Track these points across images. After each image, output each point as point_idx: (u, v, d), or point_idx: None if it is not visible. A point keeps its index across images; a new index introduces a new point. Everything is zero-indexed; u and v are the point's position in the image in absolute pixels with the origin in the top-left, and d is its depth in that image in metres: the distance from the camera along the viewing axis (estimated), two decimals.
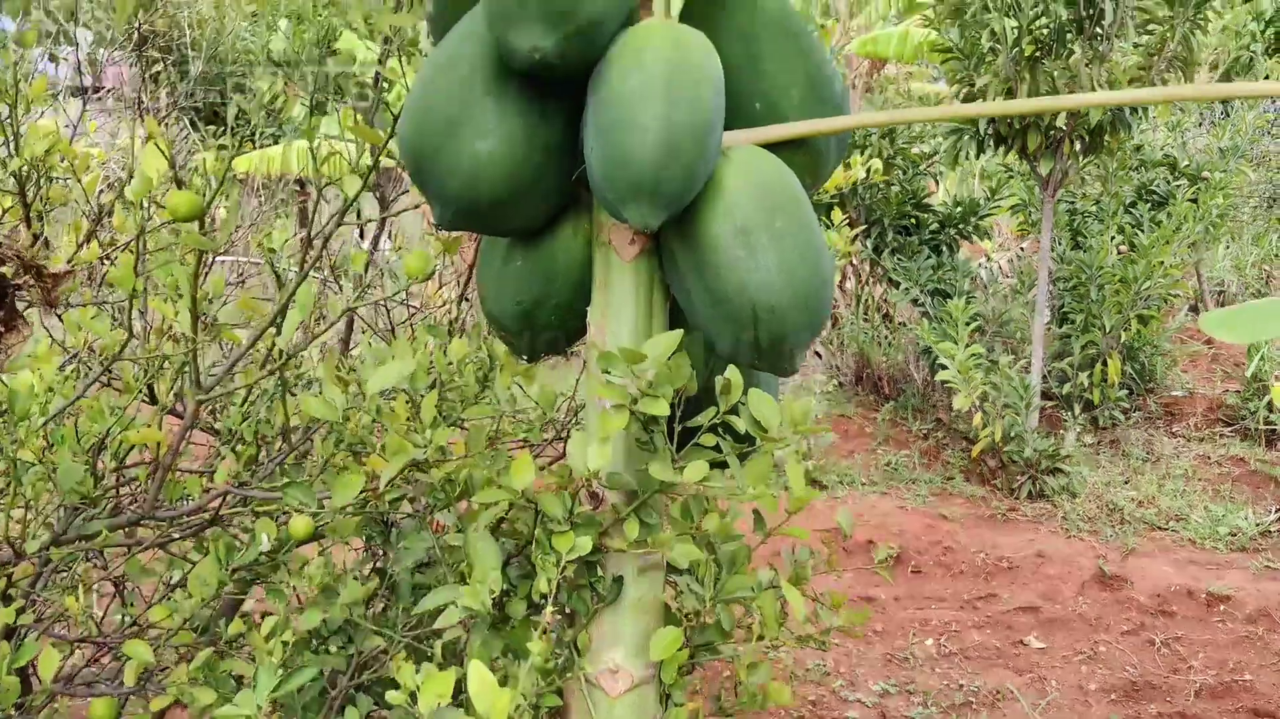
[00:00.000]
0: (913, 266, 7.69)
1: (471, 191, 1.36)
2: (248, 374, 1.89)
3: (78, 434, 1.88)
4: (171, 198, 1.37)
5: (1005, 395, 6.57)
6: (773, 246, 1.32)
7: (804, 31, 1.50)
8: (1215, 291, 11.25)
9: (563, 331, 1.56)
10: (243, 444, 2.06)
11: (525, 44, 1.26)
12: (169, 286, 1.83)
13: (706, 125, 1.28)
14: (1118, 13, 5.78)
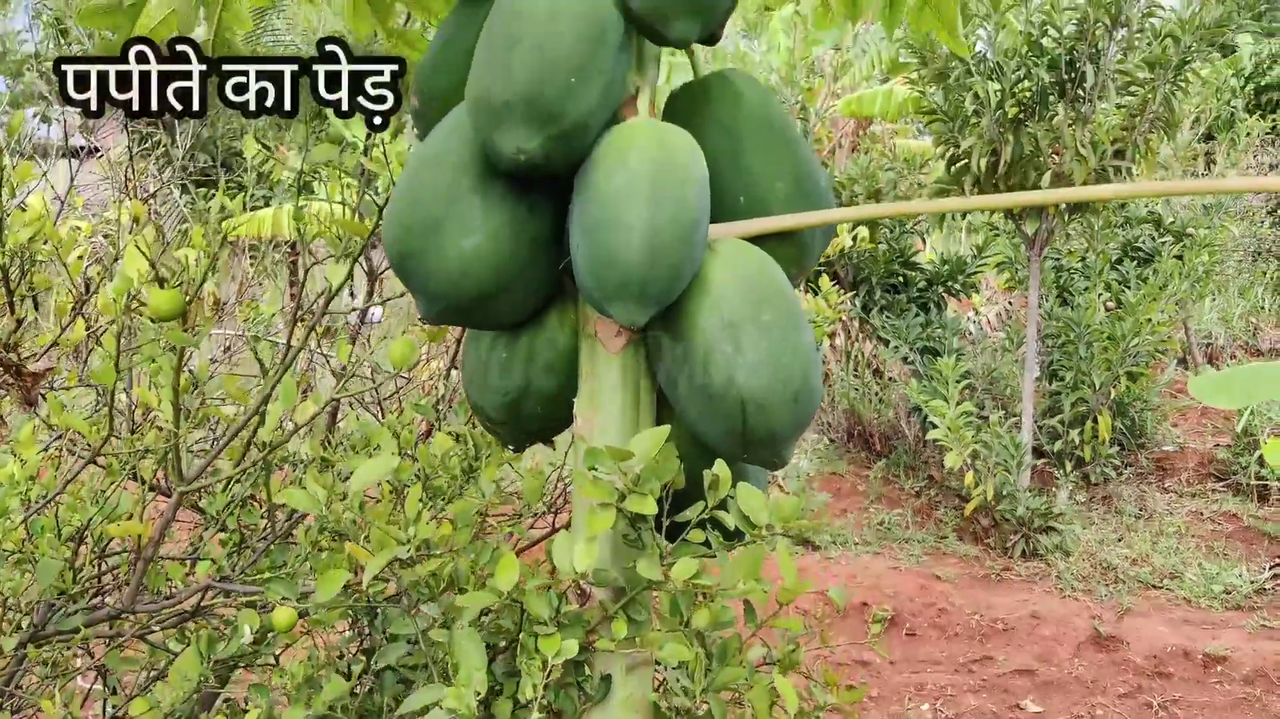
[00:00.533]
0: (901, 325, 7.71)
1: (457, 288, 1.35)
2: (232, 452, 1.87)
3: (58, 524, 1.86)
4: (153, 298, 1.36)
5: (996, 453, 6.56)
6: (760, 341, 1.32)
7: (787, 125, 1.51)
8: (1203, 344, 11.29)
9: (549, 421, 1.55)
10: (225, 531, 2.04)
11: (510, 146, 1.26)
12: (151, 373, 1.82)
13: (691, 224, 1.28)
14: (1099, 75, 5.86)
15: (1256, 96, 14.72)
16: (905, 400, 7.73)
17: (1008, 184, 6.23)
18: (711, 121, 1.49)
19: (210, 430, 3.10)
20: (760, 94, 1.52)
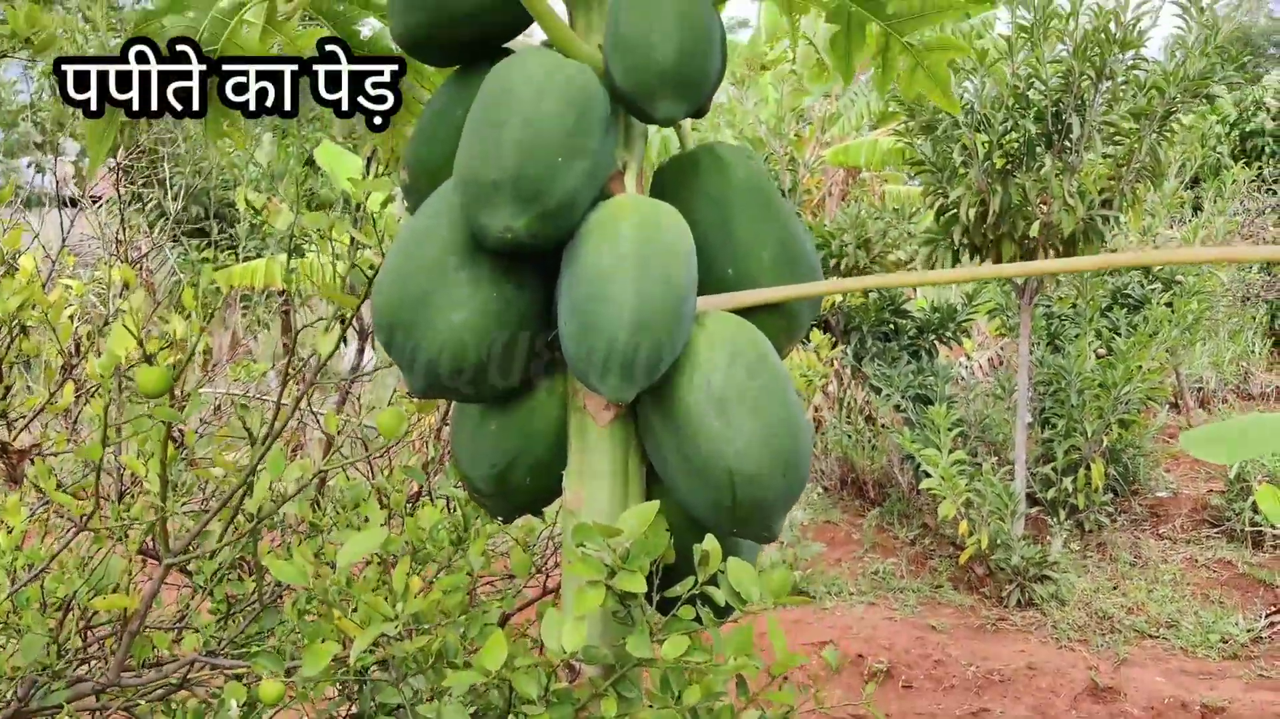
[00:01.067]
0: (893, 373, 7.73)
1: (445, 363, 1.35)
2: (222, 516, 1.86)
3: (44, 595, 1.84)
4: (140, 375, 1.36)
5: (990, 502, 6.54)
6: (748, 415, 1.32)
7: (774, 196, 1.52)
8: (1195, 389, 11.32)
9: (538, 493, 1.54)
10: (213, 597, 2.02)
11: (498, 225, 1.26)
12: (139, 443, 1.80)
13: (678, 300, 1.29)
14: (1085, 127, 5.91)
15: (1241, 142, 14.88)
16: (898, 448, 7.72)
17: (996, 234, 6.27)
18: (699, 194, 1.50)
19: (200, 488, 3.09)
20: (747, 166, 1.53)
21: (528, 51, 1.35)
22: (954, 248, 6.59)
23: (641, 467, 1.48)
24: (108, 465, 2.18)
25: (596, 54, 1.42)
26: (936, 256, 6.79)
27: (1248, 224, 12.30)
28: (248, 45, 2.33)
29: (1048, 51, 5.90)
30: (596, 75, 1.38)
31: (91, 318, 3.50)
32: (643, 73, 1.31)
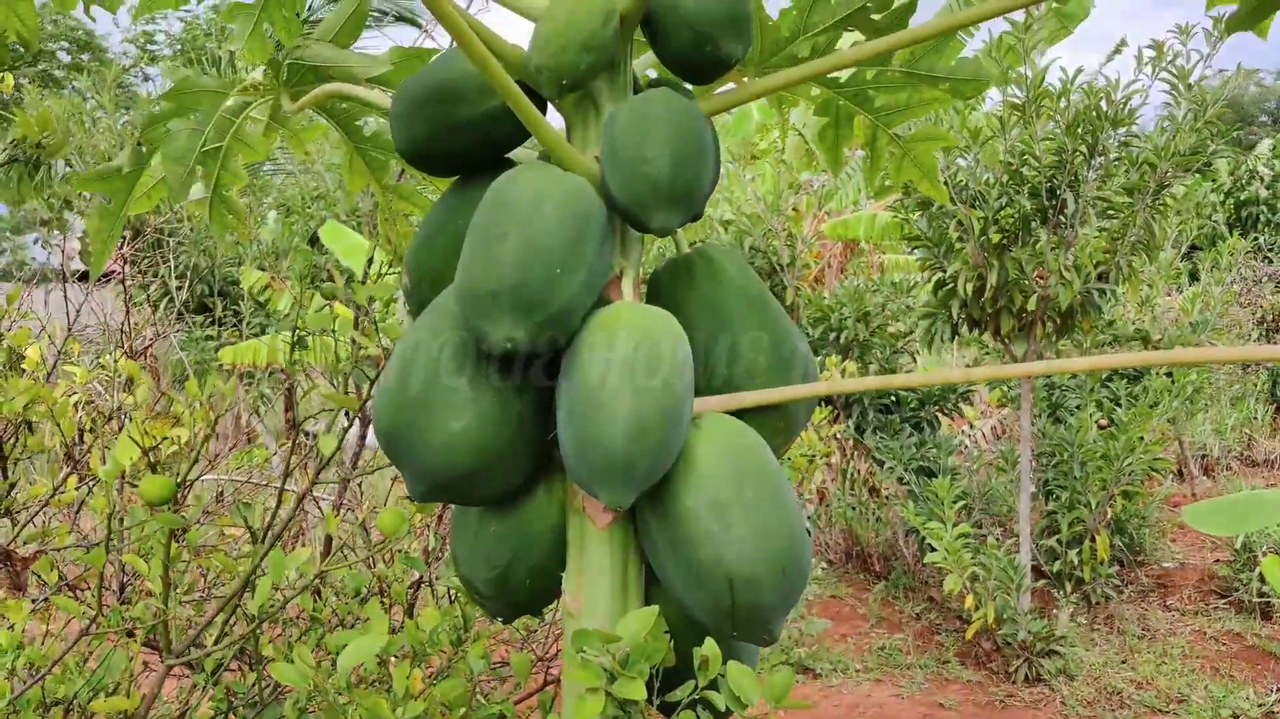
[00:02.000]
0: (895, 445, 7.72)
1: (446, 468, 1.37)
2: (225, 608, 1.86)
3: (44, 696, 1.84)
4: (144, 484, 1.38)
5: (995, 575, 6.50)
6: (746, 518, 1.33)
7: (768, 299, 1.55)
8: (1199, 456, 11.30)
9: (537, 595, 1.55)
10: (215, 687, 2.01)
11: (497, 335, 1.29)
12: (141, 543, 1.82)
13: (675, 407, 1.31)
14: (1079, 202, 5.99)
15: (1237, 210, 15.02)
16: (903, 520, 7.70)
17: (995, 308, 6.32)
18: (695, 298, 1.53)
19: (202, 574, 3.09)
20: (741, 269, 1.56)
21: (527, 166, 1.39)
22: (952, 321, 6.64)
23: (640, 569, 1.49)
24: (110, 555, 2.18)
25: (593, 165, 1.46)
26: (936, 330, 6.83)
27: (1245, 293, 12.38)
28: (253, 141, 2.39)
29: (1040, 129, 6.00)
30: (593, 187, 1.41)
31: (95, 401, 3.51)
32: (638, 186, 1.35)
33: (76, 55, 25.53)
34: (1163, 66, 6.05)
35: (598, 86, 1.50)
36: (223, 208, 2.43)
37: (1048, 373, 1.35)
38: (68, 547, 2.22)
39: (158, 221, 9.39)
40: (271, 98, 2.29)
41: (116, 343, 3.66)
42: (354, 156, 2.48)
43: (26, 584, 1.59)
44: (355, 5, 2.29)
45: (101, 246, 2.33)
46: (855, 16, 1.70)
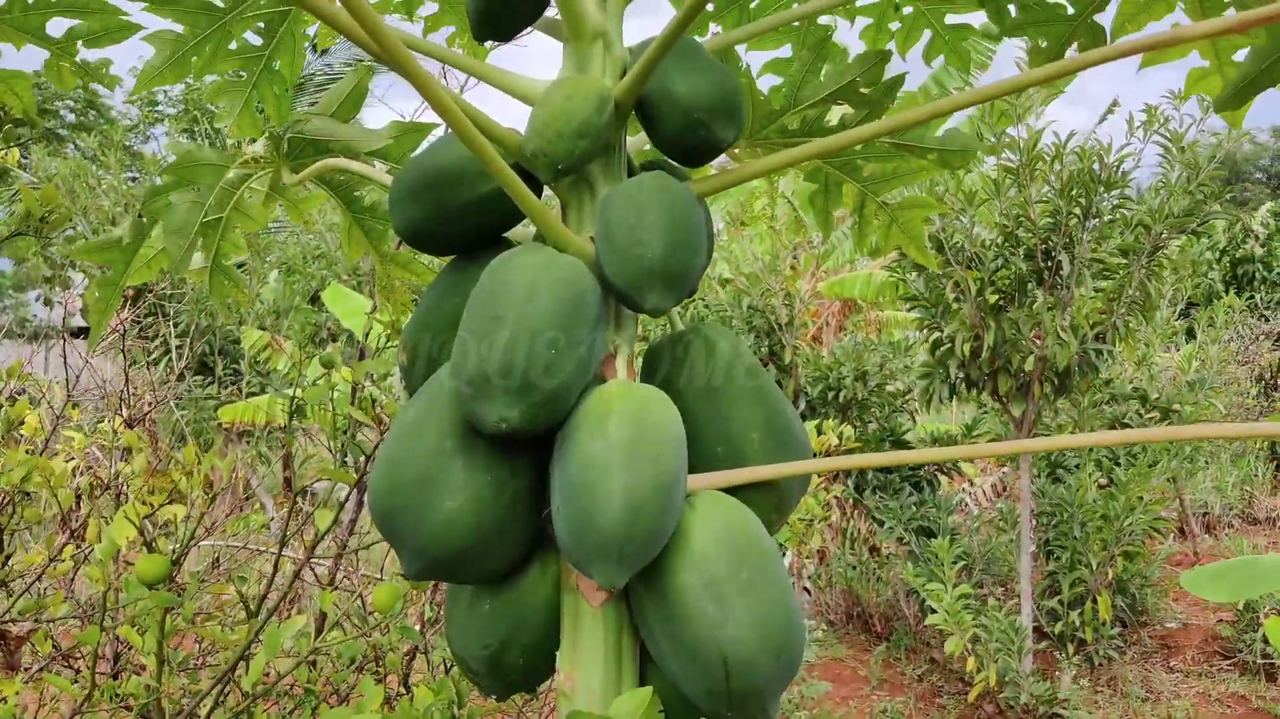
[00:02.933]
0: (895, 505, 7.71)
1: (439, 547, 1.37)
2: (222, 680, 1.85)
3: None
4: (139, 564, 1.38)
5: (997, 637, 6.46)
6: (741, 598, 1.33)
7: (762, 377, 1.56)
8: (1200, 514, 11.26)
9: (531, 673, 1.54)
10: None
11: (492, 416, 1.30)
12: (137, 616, 1.81)
13: (669, 487, 1.32)
14: (1075, 264, 6.03)
15: (1233, 268, 15.09)
16: (904, 580, 7.67)
17: (992, 368, 6.34)
18: (689, 376, 1.54)
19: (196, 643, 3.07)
20: (734, 347, 1.58)
21: (522, 248, 1.41)
22: (950, 381, 6.66)
23: (635, 648, 1.49)
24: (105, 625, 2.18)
25: (588, 246, 1.48)
26: (933, 390, 6.85)
27: (1242, 350, 12.41)
28: (252, 212, 2.42)
29: (1034, 192, 6.06)
30: (588, 266, 1.44)
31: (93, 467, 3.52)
32: (632, 268, 1.37)
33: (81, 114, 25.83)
34: (1155, 130, 6.12)
35: (593, 169, 1.52)
36: (222, 277, 2.45)
37: (1049, 449, 1.35)
38: (63, 618, 2.22)
39: (159, 287, 9.45)
40: (272, 170, 2.32)
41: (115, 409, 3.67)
42: (352, 226, 2.50)
43: (20, 663, 1.59)
44: (355, 82, 2.33)
45: (100, 316, 2.35)
46: (844, 90, 1.73)
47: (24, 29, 1.97)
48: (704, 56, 1.53)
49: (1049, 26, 1.82)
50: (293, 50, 2.40)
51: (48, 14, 1.96)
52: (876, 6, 2.18)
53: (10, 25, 1.95)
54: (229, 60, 2.30)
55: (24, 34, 1.98)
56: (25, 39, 2.00)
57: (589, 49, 1.55)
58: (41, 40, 2.00)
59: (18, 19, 1.94)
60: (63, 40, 2.00)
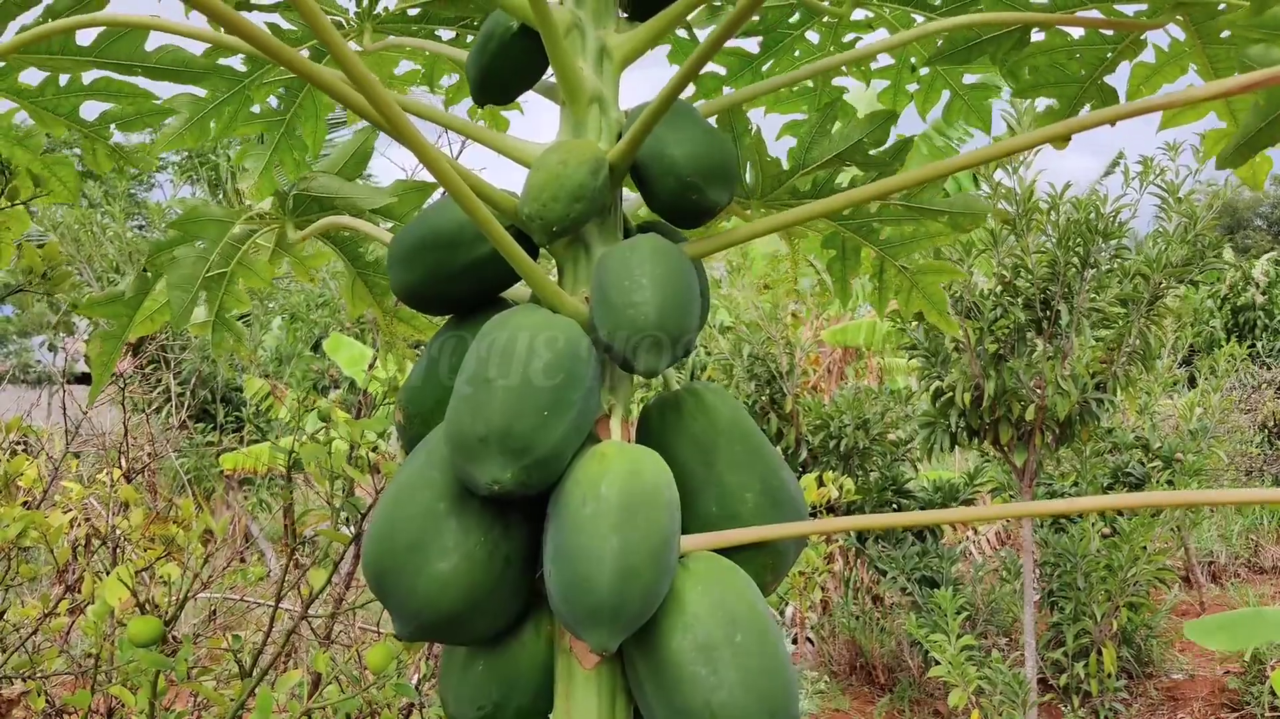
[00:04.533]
0: (898, 554, 7.67)
1: (432, 609, 1.37)
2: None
3: None
4: (132, 626, 1.38)
5: (1001, 690, 6.40)
6: (735, 663, 1.32)
7: (757, 437, 1.56)
8: (1205, 562, 11.19)
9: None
10: None
11: (485, 478, 1.31)
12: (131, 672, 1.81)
13: (662, 549, 1.31)
14: (1073, 313, 6.05)
15: (1234, 316, 15.13)
16: (907, 630, 7.62)
17: (993, 417, 6.33)
18: (683, 436, 1.55)
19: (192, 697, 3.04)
20: (730, 407, 1.58)
21: (517, 310, 1.42)
22: (951, 431, 6.65)
23: (629, 710, 1.48)
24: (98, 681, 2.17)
25: (583, 307, 1.49)
26: (935, 439, 6.84)
27: (1245, 399, 12.40)
28: (257, 268, 2.44)
29: (1032, 242, 6.10)
30: (583, 327, 1.44)
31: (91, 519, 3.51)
32: (626, 329, 1.38)
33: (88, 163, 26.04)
34: (1150, 181, 6.17)
35: (588, 230, 1.54)
36: (225, 331, 2.46)
37: (1051, 514, 1.35)
38: (57, 673, 2.21)
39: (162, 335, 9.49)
40: (277, 226, 2.34)
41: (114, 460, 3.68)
42: (356, 281, 2.52)
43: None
44: (360, 143, 2.36)
45: (101, 369, 2.36)
46: (852, 150, 1.75)
47: (57, 111, 1.99)
48: (697, 120, 1.55)
49: (1061, 88, 1.86)
50: (315, 116, 2.44)
51: (80, 97, 1.99)
52: (892, 69, 2.21)
53: (43, 107, 1.97)
54: (250, 125, 2.34)
55: (58, 116, 2.01)
56: (59, 122, 2.02)
57: (585, 112, 1.57)
58: (75, 123, 2.03)
59: (50, 101, 1.97)
60: (97, 124, 2.03)
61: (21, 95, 2.02)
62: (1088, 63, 1.81)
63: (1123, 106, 1.43)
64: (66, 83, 1.96)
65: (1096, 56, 1.80)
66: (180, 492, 8.24)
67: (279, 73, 2.23)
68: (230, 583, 2.67)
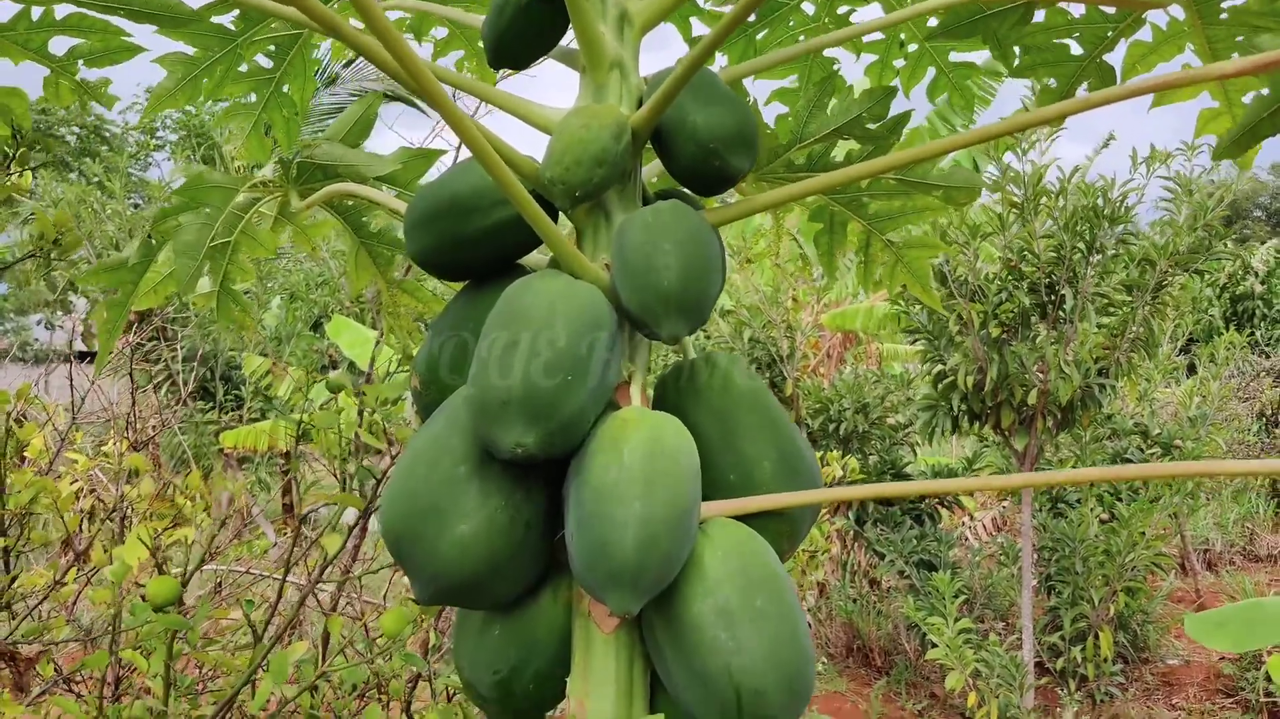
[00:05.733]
0: (896, 538, 7.69)
1: (452, 573, 1.37)
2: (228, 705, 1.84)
3: None
4: (151, 586, 1.38)
5: (998, 672, 6.43)
6: (754, 628, 1.33)
7: (773, 407, 1.56)
8: (1201, 550, 11.23)
9: (541, 700, 1.54)
10: None
11: (508, 441, 1.30)
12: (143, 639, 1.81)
13: (683, 515, 1.32)
14: (1078, 298, 6.05)
15: (1233, 305, 15.16)
16: (904, 614, 7.65)
17: (995, 401, 6.34)
18: (701, 404, 1.55)
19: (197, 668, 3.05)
20: (746, 376, 1.58)
21: (539, 274, 1.42)
22: (953, 414, 6.66)
23: (646, 674, 1.48)
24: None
25: (603, 273, 1.49)
26: (936, 422, 6.85)
27: (1243, 387, 12.43)
28: (260, 237, 2.43)
29: (1039, 226, 6.09)
30: (603, 294, 1.44)
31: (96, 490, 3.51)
32: (648, 297, 1.38)
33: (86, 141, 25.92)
34: (1157, 167, 6.17)
35: (609, 197, 1.53)
36: (229, 302, 2.46)
37: (1050, 484, 1.35)
38: (65, 640, 2.21)
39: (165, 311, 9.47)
40: (280, 194, 2.33)
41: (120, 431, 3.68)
42: (359, 251, 2.52)
43: (29, 684, 1.58)
44: (364, 109, 2.35)
45: (107, 337, 2.35)
46: (850, 125, 1.75)
47: (27, 45, 1.98)
48: (720, 88, 1.55)
49: (1057, 67, 1.84)
50: (303, 74, 2.42)
51: (51, 32, 1.97)
52: (882, 43, 2.20)
53: (14, 41, 1.96)
54: (240, 83, 2.32)
55: (26, 50, 1.99)
56: (27, 55, 2.01)
57: (606, 78, 1.57)
58: (43, 58, 2.02)
59: (21, 35, 1.95)
60: (64, 59, 2.01)
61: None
62: (1087, 41, 1.80)
63: (1121, 88, 1.42)
64: (40, 16, 1.95)
65: (1097, 35, 1.79)
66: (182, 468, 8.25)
67: (269, 31, 2.20)
68: (237, 554, 2.67)
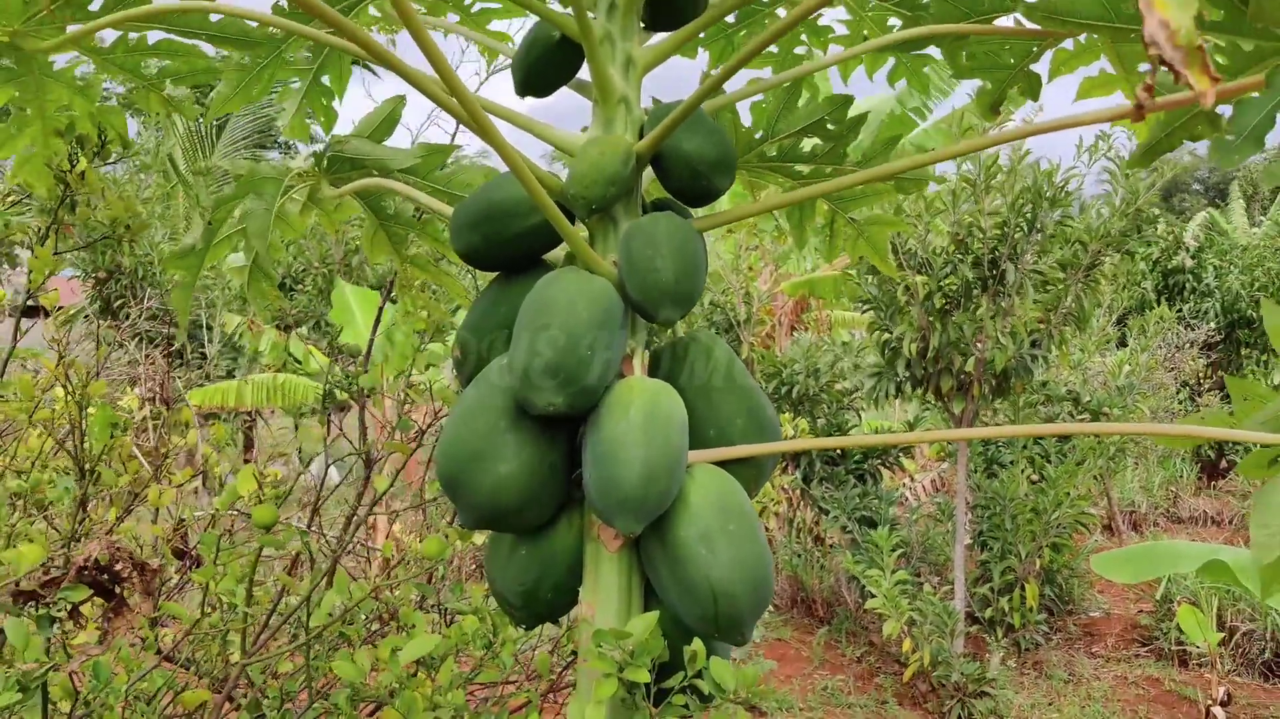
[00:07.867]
0: (840, 495, 8.16)
1: (493, 503, 1.76)
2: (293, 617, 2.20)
3: None
4: (256, 512, 1.75)
5: (931, 621, 6.93)
6: (727, 547, 1.73)
7: (744, 375, 1.96)
8: (1127, 513, 11.86)
9: (557, 606, 1.94)
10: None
11: (542, 401, 1.69)
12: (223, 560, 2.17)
13: (675, 458, 1.71)
14: (1018, 275, 6.51)
15: (1164, 279, 15.80)
16: (845, 568, 8.14)
17: (936, 368, 6.80)
18: (687, 373, 1.94)
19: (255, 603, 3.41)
20: (724, 350, 1.98)
21: (563, 270, 1.80)
22: (897, 380, 7.12)
23: (642, 584, 1.88)
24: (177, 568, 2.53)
25: (612, 269, 1.87)
26: (881, 387, 7.31)
27: (1169, 358, 13.08)
28: (291, 220, 2.78)
29: (988, 204, 6.54)
30: (613, 286, 1.83)
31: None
32: (650, 289, 1.77)
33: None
34: (1101, 154, 6.62)
35: (617, 208, 1.92)
36: (261, 277, 2.80)
37: (986, 438, 1.75)
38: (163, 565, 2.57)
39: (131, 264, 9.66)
40: (312, 182, 2.68)
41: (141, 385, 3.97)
42: (378, 231, 2.87)
43: (156, 590, 1.93)
44: (389, 110, 2.70)
45: (182, 316, 2.69)
46: (815, 126, 2.14)
47: (124, 67, 2.32)
48: (707, 122, 1.93)
49: (993, 72, 2.24)
50: (340, 65, 2.77)
51: (144, 55, 2.31)
52: (846, 38, 2.59)
53: (113, 63, 2.30)
54: (285, 70, 2.66)
55: (123, 71, 2.33)
56: (123, 75, 2.35)
57: (614, 110, 1.94)
58: (136, 76, 2.35)
59: (120, 58, 2.29)
60: (155, 77, 2.35)
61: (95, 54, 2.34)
62: (1017, 54, 2.19)
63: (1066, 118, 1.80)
64: (135, 41, 2.29)
65: (1024, 49, 2.19)
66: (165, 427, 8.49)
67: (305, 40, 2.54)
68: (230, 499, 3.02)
